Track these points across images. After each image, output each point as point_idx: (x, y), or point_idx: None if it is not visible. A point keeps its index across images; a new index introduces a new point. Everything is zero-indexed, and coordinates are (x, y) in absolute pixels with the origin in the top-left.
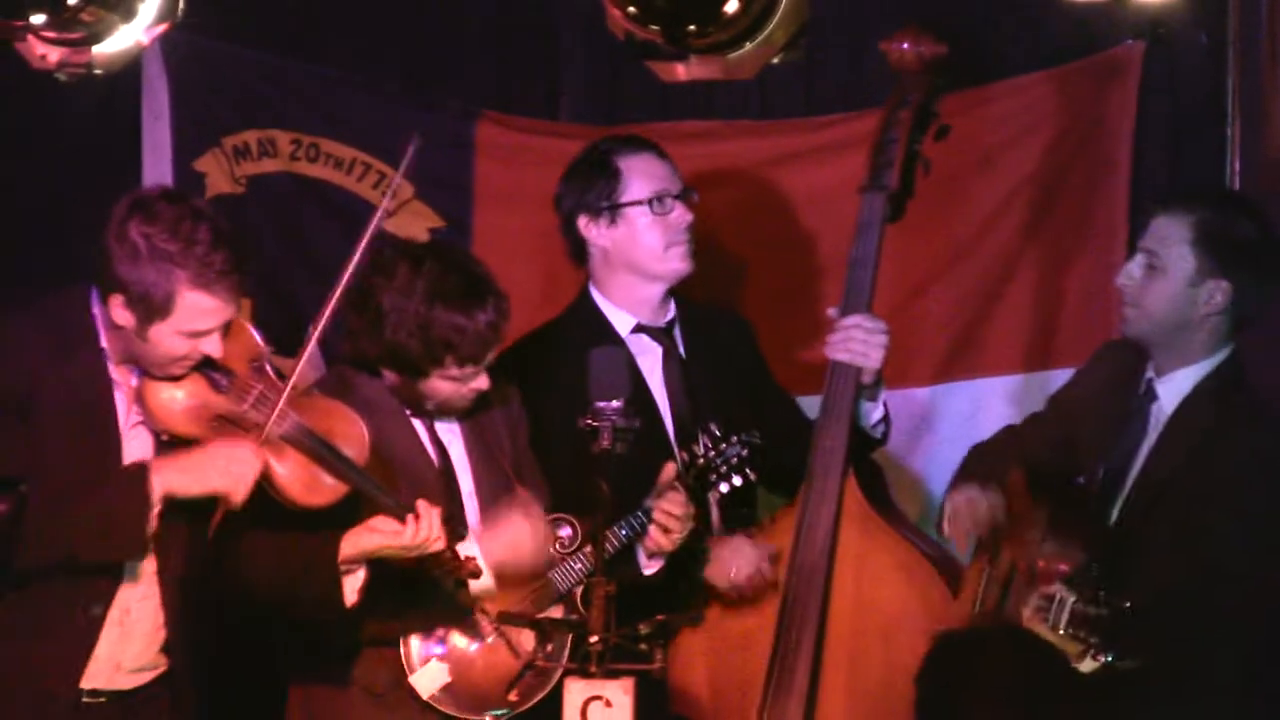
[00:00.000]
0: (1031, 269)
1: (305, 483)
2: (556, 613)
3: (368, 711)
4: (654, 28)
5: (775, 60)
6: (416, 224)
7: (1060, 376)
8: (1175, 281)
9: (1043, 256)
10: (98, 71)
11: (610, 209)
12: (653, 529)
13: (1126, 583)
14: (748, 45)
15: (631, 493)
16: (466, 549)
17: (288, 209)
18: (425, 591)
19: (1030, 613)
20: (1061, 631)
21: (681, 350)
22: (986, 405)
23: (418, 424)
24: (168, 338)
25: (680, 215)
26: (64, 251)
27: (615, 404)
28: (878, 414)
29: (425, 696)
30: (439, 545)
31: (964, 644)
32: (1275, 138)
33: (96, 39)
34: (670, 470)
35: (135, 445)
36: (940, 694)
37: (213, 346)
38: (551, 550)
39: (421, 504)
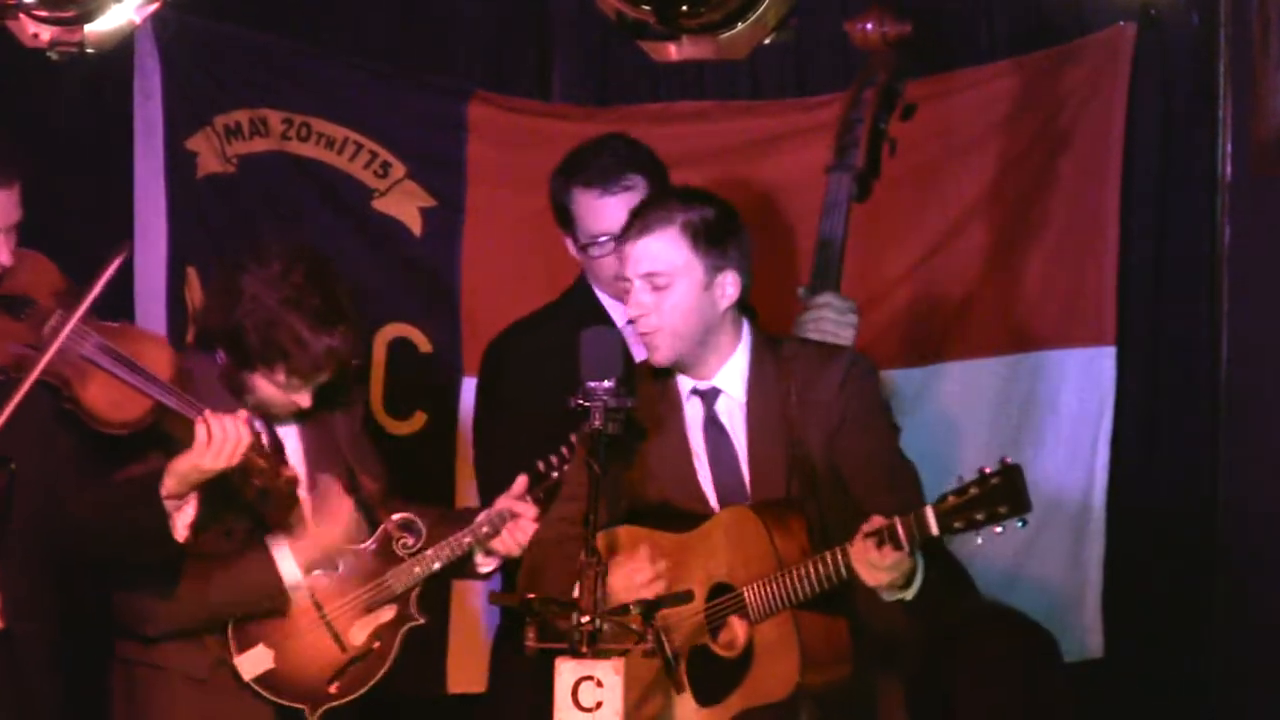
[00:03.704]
0: (1021, 250)
1: (113, 400)
2: (390, 613)
3: (189, 696)
4: (645, 7)
5: (767, 40)
6: (409, 203)
7: (1048, 358)
8: (690, 293)
9: (1033, 238)
10: (89, 50)
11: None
12: (506, 534)
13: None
14: (740, 25)
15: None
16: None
17: (279, 188)
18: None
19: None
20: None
21: None
22: (974, 386)
23: (258, 424)
24: None
25: (613, 263)
26: (54, 229)
27: (607, 384)
28: None
29: (247, 679)
30: (245, 442)
31: (956, 625)
32: (1267, 119)
33: (88, 17)
34: (521, 483)
35: None
36: (932, 674)
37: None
38: (395, 551)
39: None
